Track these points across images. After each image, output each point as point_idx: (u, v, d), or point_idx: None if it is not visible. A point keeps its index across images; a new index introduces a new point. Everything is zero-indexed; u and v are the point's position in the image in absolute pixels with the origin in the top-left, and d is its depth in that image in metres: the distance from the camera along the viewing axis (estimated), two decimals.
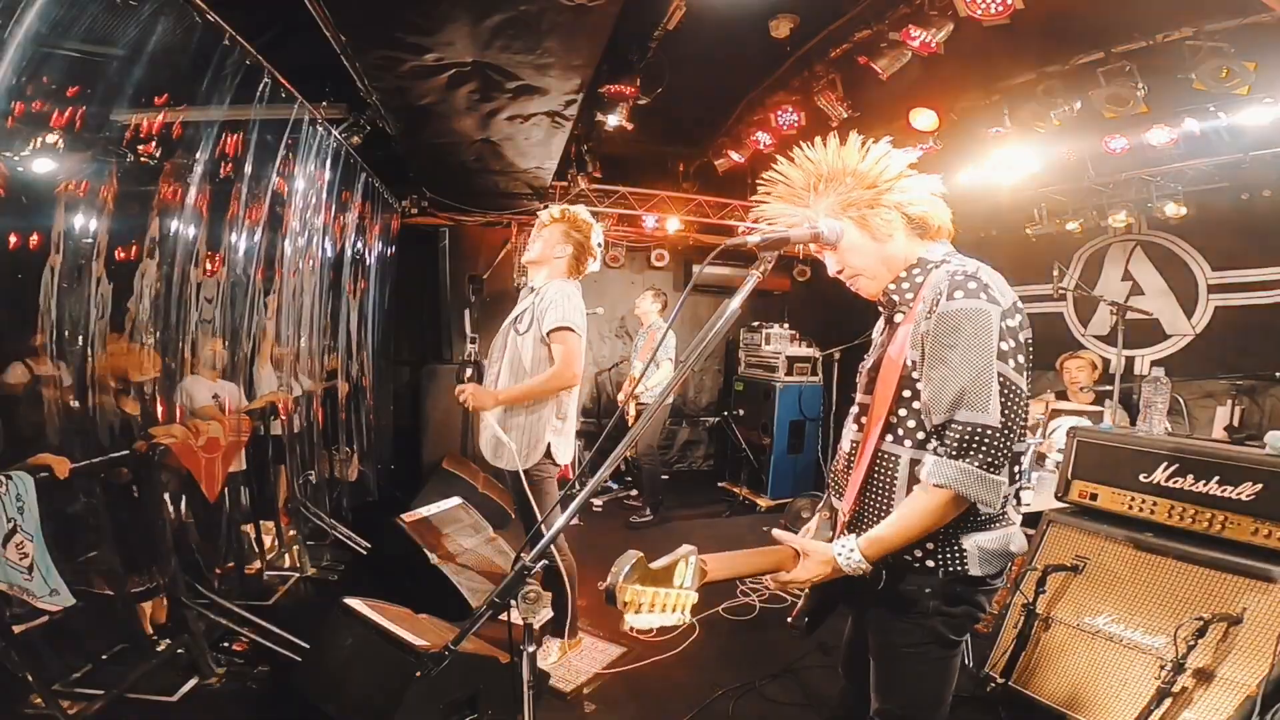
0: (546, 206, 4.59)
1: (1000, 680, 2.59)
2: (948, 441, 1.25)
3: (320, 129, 3.77)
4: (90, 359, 2.73)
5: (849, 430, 1.53)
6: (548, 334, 2.73)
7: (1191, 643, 2.13)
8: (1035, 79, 3.85)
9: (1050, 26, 3.52)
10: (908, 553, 1.34)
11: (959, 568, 1.34)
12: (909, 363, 1.33)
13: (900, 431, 1.36)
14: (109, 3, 2.30)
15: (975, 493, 1.23)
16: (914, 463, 1.34)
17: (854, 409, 1.53)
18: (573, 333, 2.73)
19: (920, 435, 1.34)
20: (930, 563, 1.35)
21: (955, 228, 1.47)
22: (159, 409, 3.01)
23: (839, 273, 1.47)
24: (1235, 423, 4.14)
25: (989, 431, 1.22)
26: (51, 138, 2.44)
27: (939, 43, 3.28)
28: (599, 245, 2.97)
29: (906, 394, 1.35)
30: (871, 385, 1.43)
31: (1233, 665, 2.10)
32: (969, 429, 1.22)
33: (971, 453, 1.22)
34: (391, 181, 5.36)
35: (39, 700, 2.23)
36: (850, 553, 1.30)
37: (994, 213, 5.45)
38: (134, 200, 2.86)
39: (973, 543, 1.33)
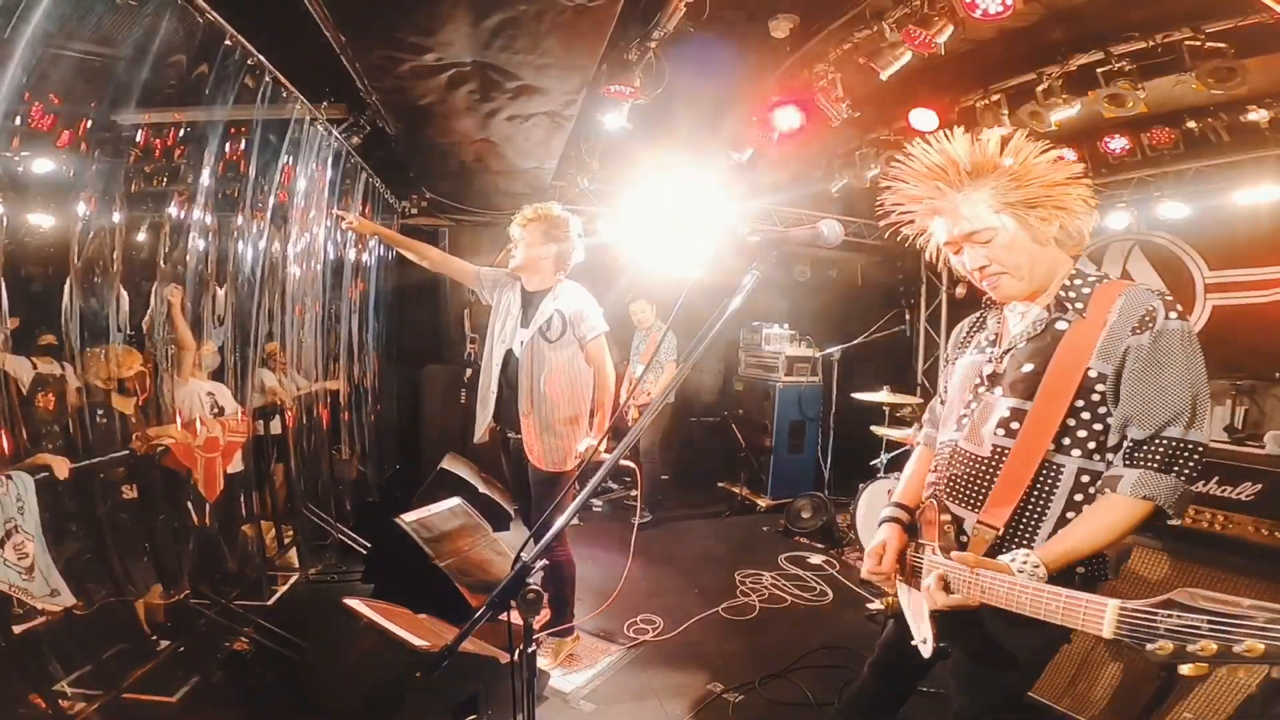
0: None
1: None
2: (1150, 456, 1.24)
3: (320, 129, 3.78)
4: (103, 360, 2.74)
5: (951, 431, 1.50)
6: (591, 340, 2.91)
7: None
8: (1035, 79, 3.85)
9: (1050, 26, 3.52)
10: None
11: (1100, 571, 1.35)
12: (1093, 374, 1.29)
13: (1068, 441, 1.32)
14: (111, 3, 2.30)
15: (1177, 507, 1.23)
16: (1081, 473, 1.32)
17: (958, 410, 1.49)
18: (604, 336, 2.95)
19: (1092, 446, 1.31)
20: (1080, 569, 1.32)
21: None
22: (157, 409, 3.01)
23: (980, 269, 1.40)
24: (1235, 423, 4.15)
25: (1198, 448, 1.23)
26: (53, 138, 2.45)
27: (939, 43, 3.28)
28: (579, 236, 3.01)
29: (1081, 404, 1.31)
30: (1029, 391, 1.35)
31: (1232, 665, 2.10)
32: (1178, 444, 1.23)
33: (1178, 467, 1.22)
34: (391, 181, 5.37)
35: (39, 700, 2.23)
36: (1034, 567, 1.24)
37: None
38: (141, 202, 2.87)
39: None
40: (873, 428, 4.93)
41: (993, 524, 1.35)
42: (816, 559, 4.46)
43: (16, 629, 2.21)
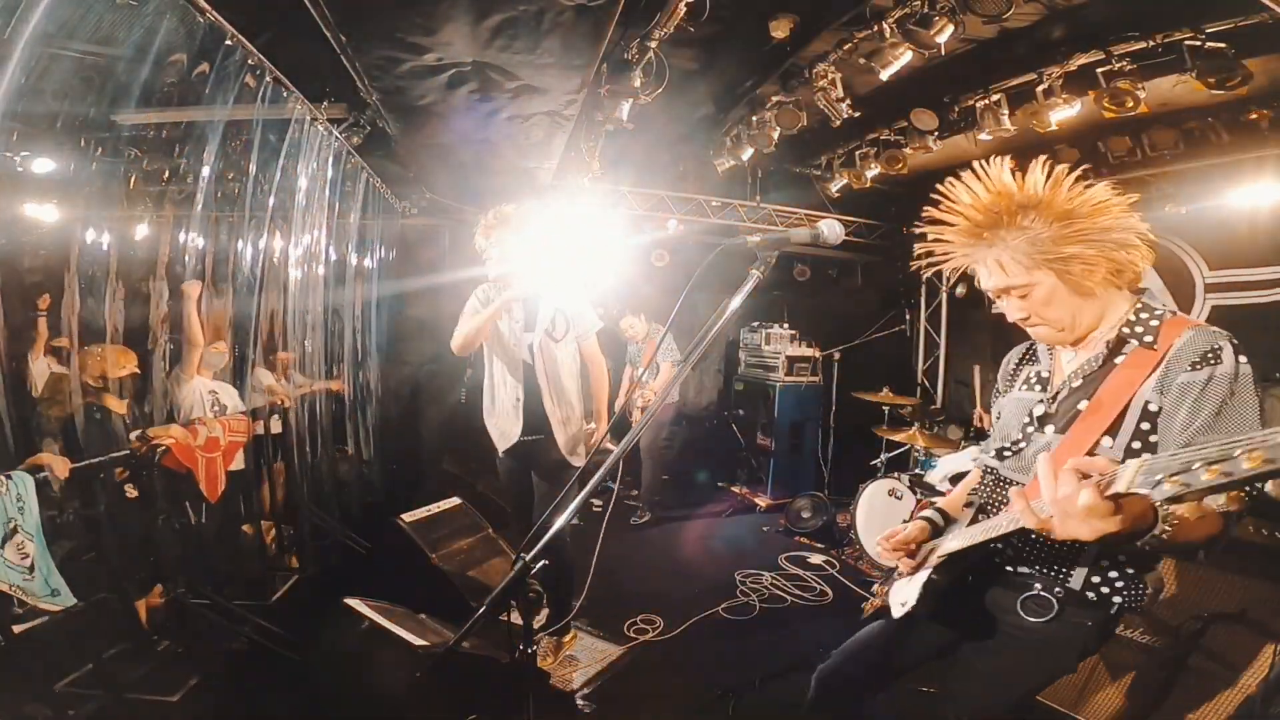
0: (546, 206, 4.59)
1: None
2: None
3: (320, 129, 3.78)
4: (99, 358, 2.74)
5: (993, 459, 1.48)
6: (588, 336, 3.03)
7: (1192, 643, 2.13)
8: (1035, 79, 3.85)
9: (1050, 26, 3.52)
10: (1092, 588, 1.33)
11: (1137, 600, 1.34)
12: (1138, 404, 1.24)
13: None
14: (111, 3, 2.30)
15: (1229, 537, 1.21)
16: None
17: (1004, 445, 1.45)
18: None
19: None
20: (1117, 599, 1.33)
21: None
22: (156, 410, 3.01)
23: (1021, 320, 1.36)
24: None
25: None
26: (54, 139, 2.45)
27: (939, 43, 3.28)
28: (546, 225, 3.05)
29: (1127, 424, 1.26)
30: (1066, 424, 1.32)
31: (1233, 665, 2.10)
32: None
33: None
34: (391, 181, 5.37)
35: (39, 700, 2.23)
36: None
37: None
38: (142, 201, 2.88)
39: (1155, 576, 1.35)
40: (873, 428, 4.93)
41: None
42: (816, 559, 4.46)
43: (16, 629, 2.21)
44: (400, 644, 2.20)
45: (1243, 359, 1.20)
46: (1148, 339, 1.27)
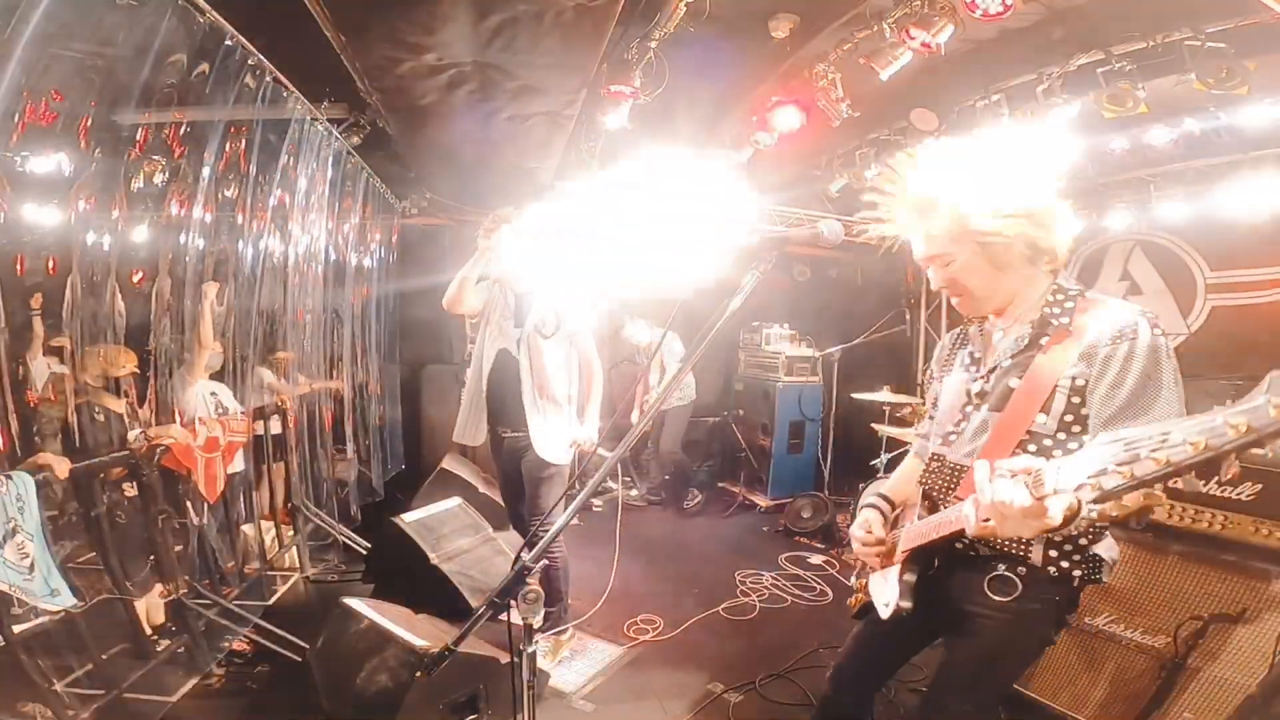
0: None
1: None
2: None
3: (320, 129, 3.77)
4: (99, 358, 2.74)
5: (935, 444, 1.57)
6: (580, 334, 3.03)
7: (1191, 643, 2.13)
8: (1035, 79, 3.85)
9: (1050, 26, 3.52)
10: (1051, 563, 1.38)
11: (1095, 574, 1.40)
12: (1064, 381, 1.33)
13: (1048, 443, 1.36)
14: (111, 3, 2.30)
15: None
16: None
17: (948, 427, 1.54)
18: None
19: (1058, 453, 1.33)
20: (1077, 572, 1.39)
21: None
22: (155, 410, 3.01)
23: (941, 288, 1.47)
24: None
25: None
26: (55, 140, 2.45)
27: (939, 43, 3.28)
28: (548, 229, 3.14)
29: (1058, 403, 1.34)
30: (1001, 403, 1.41)
31: (1233, 665, 2.10)
32: None
33: None
34: (391, 181, 5.36)
35: (39, 700, 2.23)
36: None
37: None
38: (141, 202, 2.88)
39: (1105, 544, 1.41)
40: (873, 427, 4.93)
41: None
42: (816, 559, 4.46)
43: (16, 629, 2.21)
44: (400, 644, 2.20)
45: (1158, 331, 1.30)
46: (1064, 320, 1.37)
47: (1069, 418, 1.34)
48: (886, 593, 1.53)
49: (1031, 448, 1.35)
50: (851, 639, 1.75)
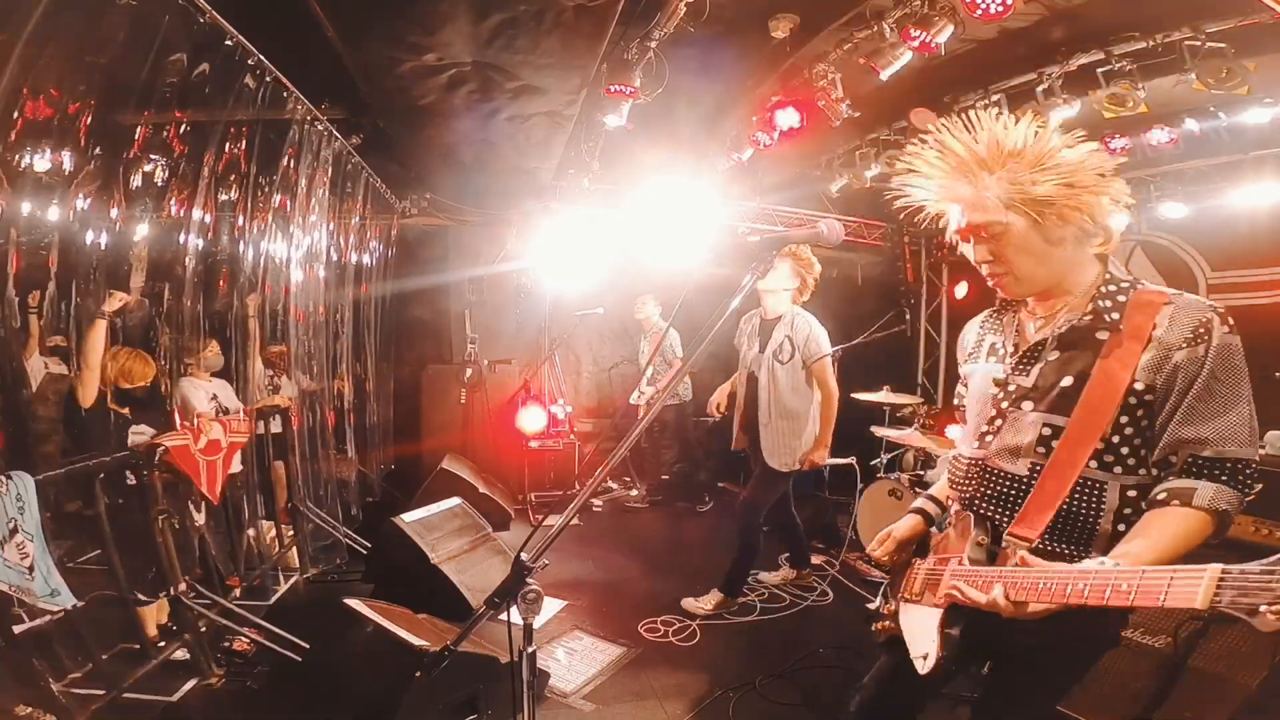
0: (546, 206, 4.61)
1: None
2: (1218, 471, 1.17)
3: (321, 129, 3.78)
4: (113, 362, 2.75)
5: (975, 447, 1.40)
6: (815, 362, 3.38)
7: (1192, 643, 2.13)
8: (1035, 79, 3.85)
9: (1050, 26, 3.52)
10: None
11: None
12: (1139, 386, 1.21)
13: (1110, 457, 1.24)
14: (111, 3, 2.30)
15: (1232, 521, 1.18)
16: (1126, 488, 1.24)
17: (980, 425, 1.39)
18: (828, 357, 3.43)
19: (1133, 461, 1.24)
20: None
21: None
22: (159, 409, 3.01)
23: (985, 263, 1.33)
24: None
25: (1252, 465, 1.19)
26: (57, 141, 2.45)
27: (939, 43, 3.28)
28: (816, 277, 3.58)
29: (1124, 419, 1.22)
30: (1065, 406, 1.26)
31: (1233, 665, 2.10)
32: (1239, 463, 1.18)
33: (1239, 481, 1.18)
34: (391, 182, 5.37)
35: (39, 700, 2.23)
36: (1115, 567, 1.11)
37: None
38: (141, 202, 2.88)
39: None
40: (873, 428, 4.92)
41: (1027, 536, 1.26)
42: (816, 559, 4.46)
43: (16, 629, 2.21)
44: (400, 644, 2.20)
45: (1229, 329, 1.20)
46: (1116, 315, 1.26)
47: (1130, 429, 1.23)
48: (924, 642, 1.36)
49: (1107, 457, 1.24)
50: (879, 671, 1.60)
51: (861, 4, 3.45)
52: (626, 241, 5.72)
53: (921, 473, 4.35)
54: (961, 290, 6.47)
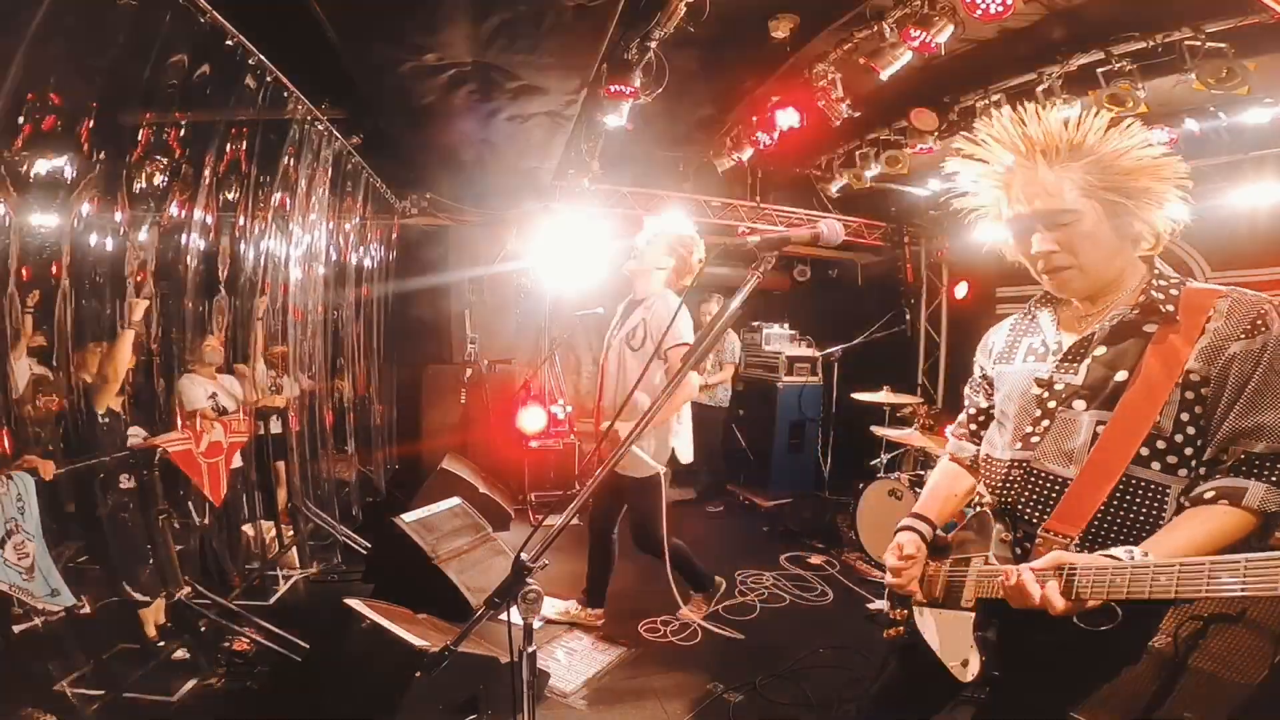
0: (546, 206, 4.61)
1: None
2: (1273, 470, 1.11)
3: (321, 129, 3.78)
4: (99, 356, 2.74)
5: (1017, 449, 1.32)
6: (666, 351, 2.90)
7: (1192, 643, 2.13)
8: (1035, 79, 3.85)
9: (1050, 26, 3.52)
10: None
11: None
12: (1194, 378, 1.16)
13: (1173, 459, 1.18)
14: (111, 3, 2.31)
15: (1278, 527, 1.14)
16: (1169, 484, 1.18)
17: (1024, 427, 1.32)
18: (687, 347, 2.88)
19: (1194, 462, 1.18)
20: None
21: None
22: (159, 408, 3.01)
23: (1047, 254, 1.25)
24: None
25: None
26: (54, 140, 2.45)
27: (939, 43, 3.28)
28: (699, 261, 3.11)
29: (1185, 416, 1.17)
30: (1111, 400, 1.21)
31: (1233, 665, 2.10)
32: None
33: None
34: (391, 181, 5.37)
35: (39, 701, 2.24)
36: (1144, 556, 1.07)
37: None
38: (142, 203, 2.88)
39: None
40: (873, 428, 4.93)
41: (1067, 532, 1.20)
42: (816, 559, 4.46)
43: (16, 629, 2.22)
44: (400, 644, 2.20)
45: None
46: (1169, 308, 1.20)
47: (1185, 416, 1.17)
48: (959, 648, 1.31)
49: (1159, 444, 1.18)
50: (889, 678, 1.56)
51: (861, 4, 3.46)
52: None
53: (921, 473, 4.35)
54: (961, 290, 6.46)
